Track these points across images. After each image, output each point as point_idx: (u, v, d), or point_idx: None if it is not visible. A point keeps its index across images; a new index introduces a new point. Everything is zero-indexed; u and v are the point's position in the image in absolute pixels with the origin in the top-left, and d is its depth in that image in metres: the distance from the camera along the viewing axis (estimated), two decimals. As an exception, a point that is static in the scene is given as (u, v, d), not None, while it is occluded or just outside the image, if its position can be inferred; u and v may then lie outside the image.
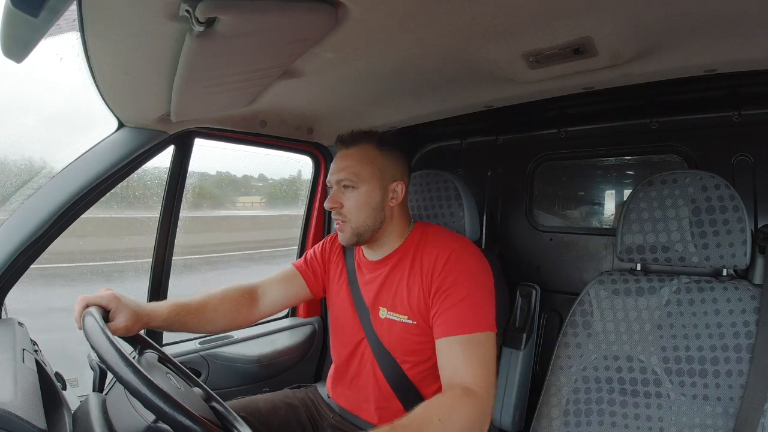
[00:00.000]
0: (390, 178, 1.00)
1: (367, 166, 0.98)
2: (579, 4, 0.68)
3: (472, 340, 0.86)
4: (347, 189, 0.98)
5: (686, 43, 0.82)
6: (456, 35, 0.77)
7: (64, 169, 1.05)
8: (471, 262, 0.93)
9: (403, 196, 1.03)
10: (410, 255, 1.00)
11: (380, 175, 0.99)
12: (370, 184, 0.98)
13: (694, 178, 0.94)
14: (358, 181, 0.97)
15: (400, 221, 1.04)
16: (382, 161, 0.99)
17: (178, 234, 1.34)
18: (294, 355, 1.58)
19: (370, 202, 0.98)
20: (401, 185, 1.01)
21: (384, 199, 0.99)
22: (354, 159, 0.98)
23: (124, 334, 0.85)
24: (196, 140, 1.28)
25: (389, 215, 1.01)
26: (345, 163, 0.99)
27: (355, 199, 0.98)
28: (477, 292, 0.90)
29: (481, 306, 0.89)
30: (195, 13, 0.55)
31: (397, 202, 1.01)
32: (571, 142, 1.44)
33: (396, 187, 1.00)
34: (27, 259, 0.98)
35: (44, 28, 0.54)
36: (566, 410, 1.00)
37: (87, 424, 0.65)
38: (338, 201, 0.99)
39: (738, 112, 1.16)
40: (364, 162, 0.98)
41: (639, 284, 1.00)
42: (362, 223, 0.99)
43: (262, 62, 0.80)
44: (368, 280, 1.05)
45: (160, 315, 0.93)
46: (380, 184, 0.99)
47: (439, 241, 0.98)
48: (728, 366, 0.88)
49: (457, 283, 0.91)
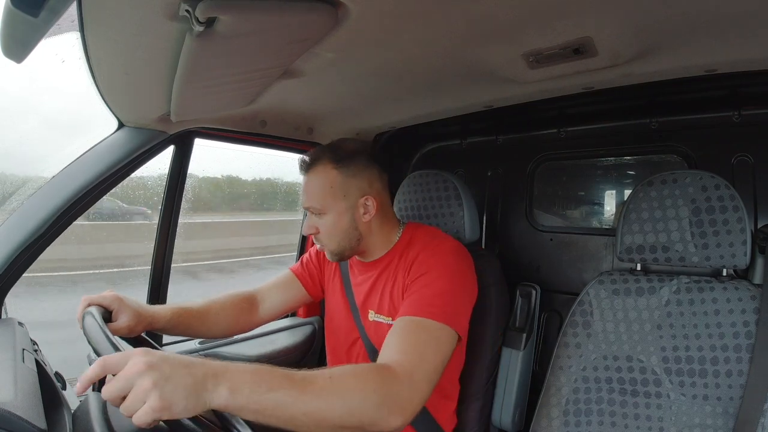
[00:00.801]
0: (356, 195, 0.96)
1: (327, 193, 0.94)
2: (579, 4, 0.68)
3: (420, 324, 0.80)
4: (317, 216, 0.97)
5: (686, 43, 0.81)
6: (456, 35, 0.77)
7: (64, 168, 1.04)
8: (450, 260, 0.92)
9: (378, 207, 0.98)
10: (398, 258, 0.99)
11: (343, 196, 0.95)
12: (335, 209, 0.95)
13: (694, 178, 0.94)
14: (323, 209, 0.95)
15: (383, 230, 1.02)
16: (342, 181, 0.95)
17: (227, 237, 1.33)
18: (294, 355, 1.58)
19: (339, 227, 0.96)
20: (371, 199, 0.97)
21: (355, 218, 0.97)
22: (313, 186, 0.96)
23: (126, 335, 0.86)
24: (196, 140, 1.28)
25: (366, 230, 0.99)
26: (307, 190, 0.97)
27: (325, 227, 0.97)
28: (446, 284, 0.87)
29: (446, 298, 0.85)
30: (195, 13, 0.55)
31: (371, 216, 0.97)
32: (571, 142, 1.44)
33: (366, 202, 0.96)
34: (27, 259, 0.98)
35: (44, 28, 0.54)
36: (566, 410, 1.00)
37: (87, 424, 0.65)
38: (313, 226, 0.98)
39: (738, 112, 1.16)
40: (324, 188, 0.95)
41: (639, 284, 1.00)
42: (338, 245, 0.98)
43: (262, 62, 0.80)
44: (359, 282, 1.06)
45: (163, 317, 0.94)
46: (346, 206, 0.96)
47: (424, 241, 0.97)
48: (728, 366, 0.88)
49: (428, 272, 0.89)
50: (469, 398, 1.12)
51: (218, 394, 0.55)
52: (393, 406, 0.66)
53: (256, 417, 0.58)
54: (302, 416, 0.60)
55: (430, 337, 0.79)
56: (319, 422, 0.61)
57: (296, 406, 0.59)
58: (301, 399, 0.60)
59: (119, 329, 0.84)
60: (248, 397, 0.56)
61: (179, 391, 0.52)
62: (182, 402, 0.52)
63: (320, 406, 0.61)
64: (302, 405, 0.60)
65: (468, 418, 1.12)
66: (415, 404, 0.70)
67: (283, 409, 0.58)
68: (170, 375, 0.52)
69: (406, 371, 0.71)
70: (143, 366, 0.51)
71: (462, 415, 1.11)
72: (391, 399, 0.66)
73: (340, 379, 0.65)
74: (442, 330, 0.81)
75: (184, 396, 0.52)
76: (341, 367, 0.67)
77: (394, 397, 0.67)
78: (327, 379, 0.63)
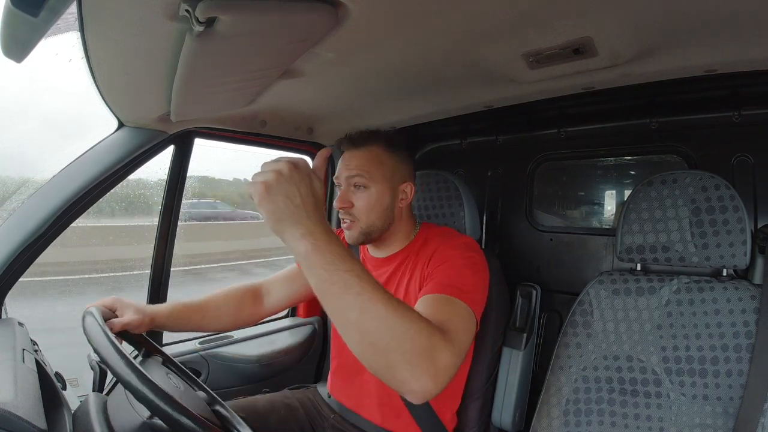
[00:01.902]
0: (400, 179, 1.01)
1: (378, 167, 0.98)
2: (579, 4, 0.68)
3: (449, 301, 0.77)
4: (358, 189, 0.98)
5: (686, 43, 0.81)
6: (456, 35, 0.77)
7: (64, 168, 1.05)
8: (470, 252, 0.93)
9: (412, 196, 1.03)
10: (414, 255, 1.00)
11: (390, 176, 0.99)
12: (382, 185, 0.98)
13: (694, 178, 0.94)
14: (370, 181, 0.97)
15: (408, 222, 1.05)
16: (391, 162, 0.99)
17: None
18: (294, 355, 1.58)
19: (381, 203, 0.98)
20: (410, 186, 1.02)
21: (394, 200, 1.00)
22: (365, 159, 0.98)
23: (132, 329, 0.89)
24: (196, 140, 1.28)
25: (398, 216, 1.02)
26: (356, 163, 0.98)
27: (366, 200, 0.97)
28: (468, 271, 0.87)
29: (466, 281, 0.83)
30: (195, 13, 0.55)
31: (407, 202, 1.02)
32: (571, 142, 1.44)
33: (406, 188, 1.01)
34: (27, 259, 0.98)
35: (44, 28, 0.54)
36: (566, 410, 1.00)
37: (87, 424, 0.65)
38: (349, 201, 0.98)
39: (738, 113, 1.16)
40: (375, 163, 0.98)
41: (639, 284, 1.00)
42: (372, 224, 0.99)
43: (262, 62, 0.80)
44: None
45: (163, 312, 0.97)
46: (390, 185, 0.99)
47: (442, 238, 0.99)
48: (728, 366, 0.88)
49: (450, 260, 0.90)
50: (470, 398, 1.12)
51: (302, 242, 0.56)
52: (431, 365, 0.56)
53: (319, 288, 0.56)
54: (356, 312, 0.54)
55: (460, 315, 0.75)
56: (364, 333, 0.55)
57: (360, 300, 0.54)
58: (368, 296, 0.55)
59: (126, 323, 0.87)
60: (323, 266, 0.55)
61: (286, 200, 0.56)
62: (281, 204, 0.56)
63: (379, 313, 0.55)
64: (364, 302, 0.55)
65: (468, 418, 1.12)
66: (449, 374, 0.59)
67: (347, 296, 0.54)
68: (291, 194, 0.56)
69: (452, 340, 0.63)
70: (284, 171, 0.57)
71: (462, 415, 1.11)
72: (435, 354, 0.57)
73: (409, 309, 0.59)
74: (468, 311, 0.78)
75: (283, 206, 0.56)
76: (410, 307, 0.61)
77: (438, 356, 0.58)
78: (398, 302, 0.58)
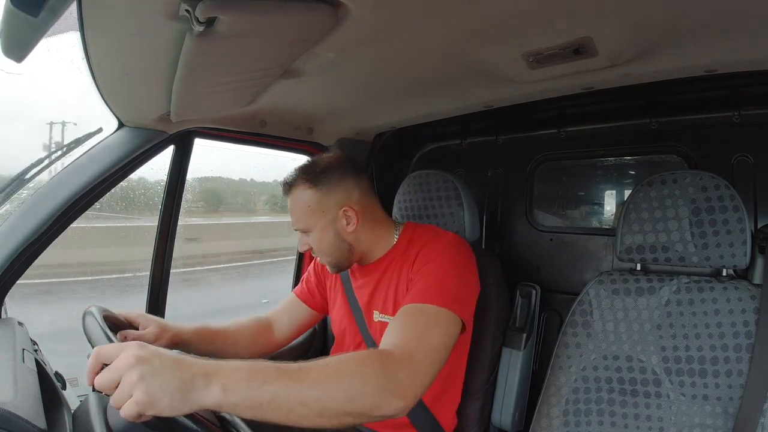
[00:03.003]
0: (335, 209, 0.96)
1: (305, 212, 0.97)
2: (579, 4, 0.68)
3: (419, 309, 0.80)
4: (305, 234, 1.00)
5: (686, 43, 0.81)
6: (456, 35, 0.77)
7: (64, 168, 1.05)
8: (450, 251, 0.93)
9: (361, 214, 0.98)
10: (399, 257, 1.00)
11: (322, 212, 0.96)
12: (318, 226, 0.97)
13: (694, 178, 0.94)
14: (307, 228, 0.98)
15: (376, 234, 1.02)
16: (318, 199, 0.96)
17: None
18: (294, 355, 1.57)
19: (326, 241, 0.98)
20: (350, 210, 0.96)
21: (339, 230, 0.98)
22: (295, 206, 0.98)
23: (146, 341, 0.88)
24: (196, 140, 1.28)
25: (355, 239, 1.00)
26: (291, 213, 1.00)
27: (315, 243, 0.99)
28: (447, 272, 0.87)
29: (446, 284, 0.84)
30: (195, 13, 0.55)
31: (355, 225, 0.97)
32: (571, 142, 1.44)
33: (346, 214, 0.97)
34: (27, 259, 0.98)
35: (44, 28, 0.54)
36: (566, 410, 1.00)
37: (87, 423, 0.65)
38: (306, 244, 1.01)
39: (738, 113, 1.15)
40: (302, 208, 0.97)
41: (639, 284, 1.00)
42: (334, 257, 1.00)
43: (262, 62, 0.80)
44: (361, 285, 1.06)
45: (187, 331, 0.98)
46: (326, 221, 0.97)
47: (426, 238, 0.98)
48: (728, 366, 0.88)
49: (430, 263, 0.90)
50: (469, 398, 1.12)
51: (210, 393, 0.53)
52: (394, 389, 0.64)
53: (253, 413, 0.56)
54: (301, 407, 0.57)
55: (428, 320, 0.77)
56: (320, 412, 0.58)
57: (294, 397, 0.57)
58: (298, 389, 0.57)
59: (147, 338, 0.88)
60: (242, 394, 0.55)
61: (165, 387, 0.51)
62: (167, 399, 0.50)
63: (319, 394, 0.58)
64: (300, 395, 0.57)
65: (468, 418, 1.12)
66: (417, 386, 0.67)
67: (280, 402, 0.56)
68: (159, 370, 0.51)
69: (405, 352, 0.69)
70: (133, 359, 0.51)
71: (462, 415, 1.11)
72: (391, 381, 0.64)
73: (337, 365, 0.62)
74: (442, 313, 0.79)
75: (170, 393, 0.51)
76: (338, 356, 0.65)
77: (394, 380, 0.64)
78: (324, 367, 0.61)
